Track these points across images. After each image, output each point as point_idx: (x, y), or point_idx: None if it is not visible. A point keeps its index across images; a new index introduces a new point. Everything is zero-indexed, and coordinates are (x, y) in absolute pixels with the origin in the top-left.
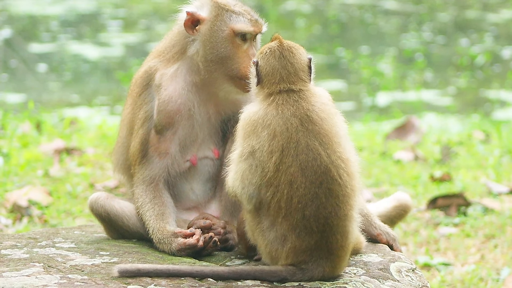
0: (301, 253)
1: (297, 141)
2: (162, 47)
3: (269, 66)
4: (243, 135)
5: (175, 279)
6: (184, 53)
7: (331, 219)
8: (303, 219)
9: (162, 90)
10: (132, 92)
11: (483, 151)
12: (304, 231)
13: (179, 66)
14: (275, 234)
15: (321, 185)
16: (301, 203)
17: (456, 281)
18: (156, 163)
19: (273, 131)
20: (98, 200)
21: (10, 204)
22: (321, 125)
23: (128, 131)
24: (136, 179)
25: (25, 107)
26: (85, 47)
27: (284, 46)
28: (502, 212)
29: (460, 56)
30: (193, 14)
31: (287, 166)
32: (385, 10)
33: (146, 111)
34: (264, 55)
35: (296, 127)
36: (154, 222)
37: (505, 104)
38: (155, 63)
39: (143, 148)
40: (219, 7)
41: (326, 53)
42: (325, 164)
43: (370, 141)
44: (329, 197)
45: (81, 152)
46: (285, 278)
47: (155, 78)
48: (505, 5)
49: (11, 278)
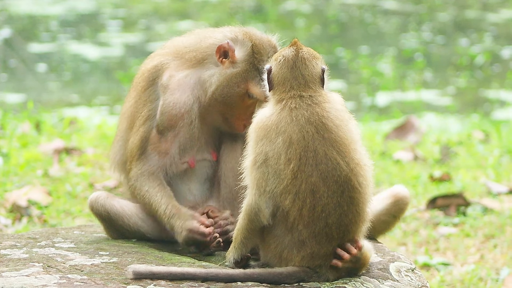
0: (318, 259)
1: (314, 150)
2: (183, 45)
3: (281, 75)
4: (255, 139)
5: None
6: (200, 64)
7: (351, 225)
8: (325, 227)
9: (169, 94)
10: (137, 84)
11: (483, 151)
12: (325, 238)
13: (190, 73)
14: (291, 239)
15: (343, 194)
16: (325, 212)
17: (455, 281)
18: (155, 160)
19: (289, 138)
20: (98, 200)
21: (10, 204)
22: (337, 133)
23: (128, 125)
24: (133, 173)
25: (25, 107)
26: (85, 47)
27: (299, 55)
28: (501, 212)
29: (460, 56)
30: (230, 49)
31: (307, 175)
32: (385, 10)
33: (149, 110)
34: (278, 63)
35: (312, 135)
36: (167, 200)
37: (505, 104)
38: (168, 60)
39: (143, 145)
40: (251, 58)
41: (326, 53)
42: (345, 174)
43: (369, 141)
44: (350, 205)
45: (81, 152)
46: (303, 279)
47: (163, 77)
48: (505, 5)
49: (11, 278)
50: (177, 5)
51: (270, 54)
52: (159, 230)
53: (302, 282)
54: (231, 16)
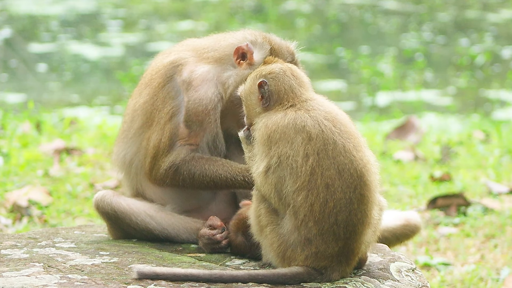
0: (323, 259)
1: (334, 142)
2: (200, 45)
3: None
4: (268, 144)
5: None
6: (218, 63)
7: (358, 226)
8: (334, 224)
9: (193, 91)
10: (151, 81)
11: (483, 151)
12: (332, 237)
13: (211, 69)
14: (297, 237)
15: (355, 190)
16: (336, 208)
17: (456, 281)
18: (188, 150)
19: (309, 134)
20: (104, 198)
21: (10, 204)
22: (350, 128)
23: (144, 122)
24: (169, 164)
25: (25, 107)
26: (85, 47)
27: (288, 67)
28: (502, 212)
29: (460, 56)
30: (249, 51)
31: (323, 169)
32: (385, 10)
33: (172, 106)
34: (276, 75)
35: (330, 129)
36: (233, 164)
37: (505, 104)
38: (186, 55)
39: (172, 141)
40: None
41: (326, 53)
42: (360, 168)
43: (370, 141)
44: (360, 204)
45: (81, 152)
46: (305, 280)
47: (183, 73)
48: (505, 5)
49: (11, 278)
50: (177, 5)
51: (287, 59)
52: (166, 226)
53: (304, 282)
54: (231, 16)
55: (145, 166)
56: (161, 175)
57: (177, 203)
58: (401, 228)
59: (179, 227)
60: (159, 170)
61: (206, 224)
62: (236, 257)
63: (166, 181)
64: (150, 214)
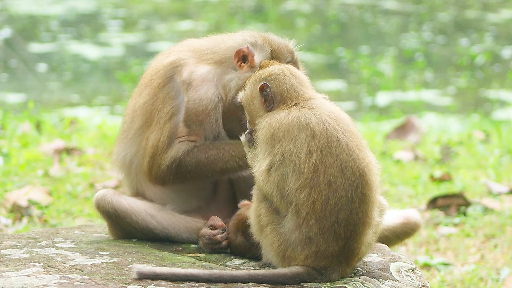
0: (323, 259)
1: (337, 140)
2: (200, 46)
3: (287, 85)
4: (271, 142)
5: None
6: (219, 64)
7: (359, 225)
8: (335, 223)
9: (193, 91)
10: (151, 82)
11: (483, 151)
12: (332, 236)
13: (212, 70)
14: (298, 236)
15: (357, 189)
16: (337, 206)
17: (456, 281)
18: (186, 145)
19: (313, 131)
20: (105, 197)
21: (10, 204)
22: (353, 127)
23: (144, 122)
24: (171, 159)
25: (25, 107)
26: (85, 47)
27: (288, 68)
28: (502, 212)
29: (460, 56)
30: (250, 53)
31: (326, 166)
32: (385, 10)
33: (173, 106)
34: (277, 77)
35: (334, 127)
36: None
37: (505, 104)
38: (186, 56)
39: (171, 141)
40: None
41: (326, 53)
42: (362, 167)
43: (370, 141)
44: (362, 203)
45: (81, 152)
46: (305, 280)
47: (183, 74)
48: (505, 5)
49: (11, 278)
50: (177, 5)
51: (288, 59)
52: (167, 225)
53: (304, 282)
54: (231, 16)
55: (143, 166)
56: (163, 172)
57: (177, 203)
58: (401, 226)
59: (179, 226)
60: (160, 168)
61: (207, 224)
62: (236, 257)
63: (170, 178)
64: (151, 213)
